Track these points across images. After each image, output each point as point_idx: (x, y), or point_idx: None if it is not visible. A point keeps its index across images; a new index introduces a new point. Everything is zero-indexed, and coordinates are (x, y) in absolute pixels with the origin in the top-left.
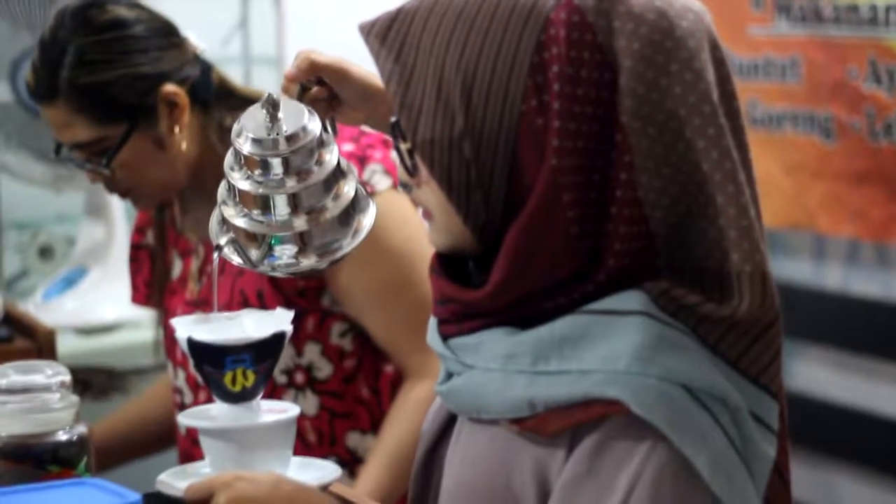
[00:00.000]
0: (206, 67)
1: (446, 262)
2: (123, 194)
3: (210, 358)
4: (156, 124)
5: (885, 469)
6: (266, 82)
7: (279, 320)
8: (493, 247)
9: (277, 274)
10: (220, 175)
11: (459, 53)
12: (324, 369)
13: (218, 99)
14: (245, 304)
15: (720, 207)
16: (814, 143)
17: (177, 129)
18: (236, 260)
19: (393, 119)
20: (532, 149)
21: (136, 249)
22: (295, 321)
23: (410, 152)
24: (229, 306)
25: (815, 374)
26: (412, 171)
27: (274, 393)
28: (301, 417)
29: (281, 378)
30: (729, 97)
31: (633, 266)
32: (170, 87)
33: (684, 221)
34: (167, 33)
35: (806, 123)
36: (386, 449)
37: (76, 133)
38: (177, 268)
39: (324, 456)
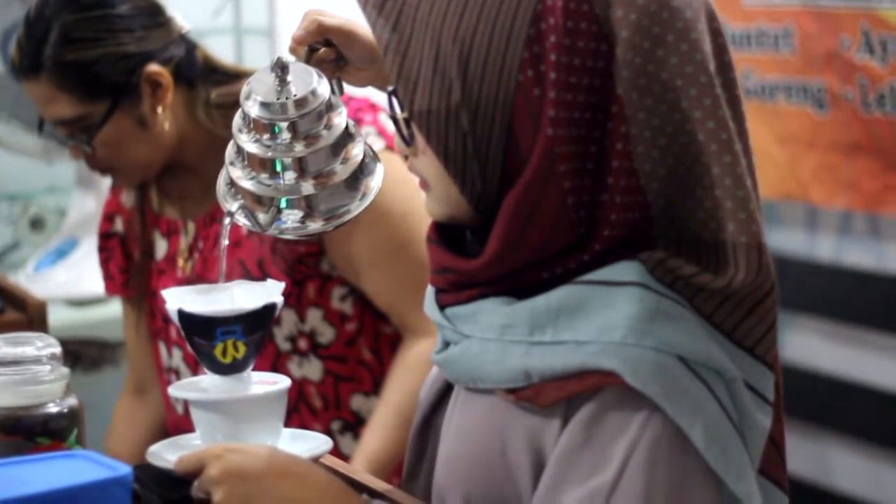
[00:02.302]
0: (192, 46)
1: (444, 232)
2: (104, 171)
3: (200, 329)
4: (139, 103)
5: (877, 440)
6: (258, 54)
7: (270, 291)
8: (491, 216)
9: (286, 237)
10: (207, 151)
11: (456, 24)
12: (326, 334)
13: (203, 76)
14: (246, 274)
15: (716, 178)
16: (806, 113)
17: (160, 109)
18: (245, 223)
19: (390, 89)
20: (528, 119)
21: (106, 238)
22: (296, 288)
23: (407, 122)
24: (229, 278)
25: (808, 345)
26: (409, 141)
27: (278, 360)
28: (306, 383)
29: (285, 345)
30: (726, 68)
31: (629, 236)
32: (154, 67)
33: (680, 192)
34: (153, 13)
35: (799, 94)
36: (390, 406)
37: (59, 109)
38: (161, 248)
39: (330, 420)
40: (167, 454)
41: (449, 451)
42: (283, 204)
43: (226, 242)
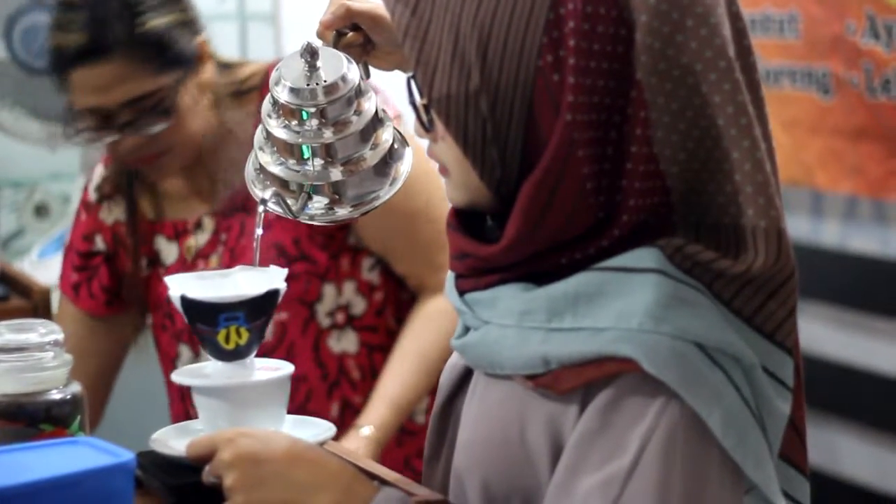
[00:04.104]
0: None
1: (464, 218)
2: (153, 159)
3: (203, 316)
4: (195, 76)
5: (882, 426)
6: (262, 40)
7: (272, 278)
8: (510, 202)
9: (315, 223)
10: (215, 143)
11: (475, 9)
12: (359, 305)
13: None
14: (283, 255)
15: (736, 163)
16: (812, 98)
17: (204, 82)
18: (276, 209)
19: (409, 74)
20: (547, 105)
21: (87, 257)
22: (333, 262)
23: (426, 108)
24: (265, 262)
25: (813, 330)
26: (428, 127)
27: (320, 337)
28: (345, 357)
29: (325, 321)
30: (745, 52)
31: (648, 222)
32: (203, 38)
33: (700, 177)
34: None
35: (804, 79)
36: (407, 353)
37: (133, 87)
38: (171, 252)
39: (368, 391)
40: (171, 441)
41: (468, 436)
42: (312, 190)
43: (260, 231)
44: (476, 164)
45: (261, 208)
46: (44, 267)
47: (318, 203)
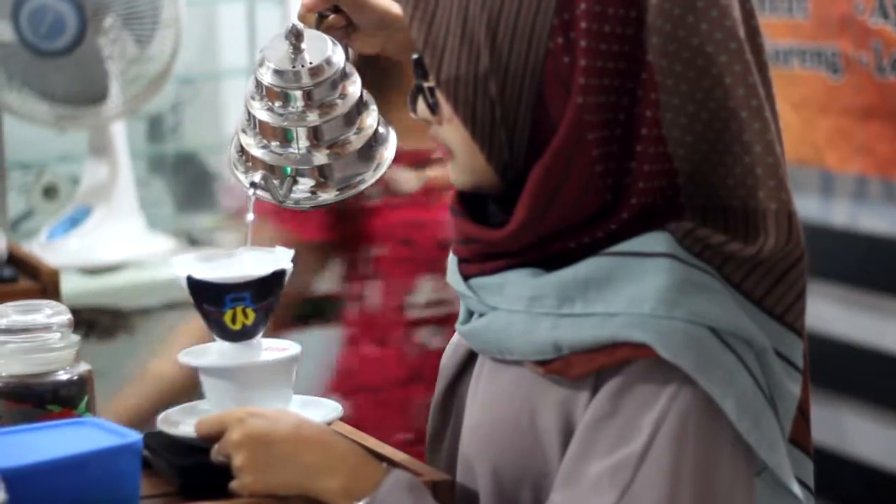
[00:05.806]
0: None
1: (466, 202)
2: None
3: (210, 296)
4: None
5: (890, 405)
6: (270, 21)
7: (278, 258)
8: (516, 186)
9: (300, 207)
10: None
11: None
12: None
13: None
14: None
15: (746, 144)
16: (821, 78)
17: None
18: (263, 194)
19: (415, 56)
20: (558, 87)
21: None
22: None
23: (432, 90)
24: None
25: (822, 310)
26: (434, 109)
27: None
28: None
29: None
30: (754, 33)
31: (656, 204)
32: None
33: (708, 159)
34: None
35: (813, 59)
36: None
37: None
38: (408, 181)
39: None
40: (178, 421)
41: (476, 421)
42: (297, 174)
43: (251, 216)
44: (484, 147)
45: (251, 192)
46: (52, 249)
47: (303, 186)
